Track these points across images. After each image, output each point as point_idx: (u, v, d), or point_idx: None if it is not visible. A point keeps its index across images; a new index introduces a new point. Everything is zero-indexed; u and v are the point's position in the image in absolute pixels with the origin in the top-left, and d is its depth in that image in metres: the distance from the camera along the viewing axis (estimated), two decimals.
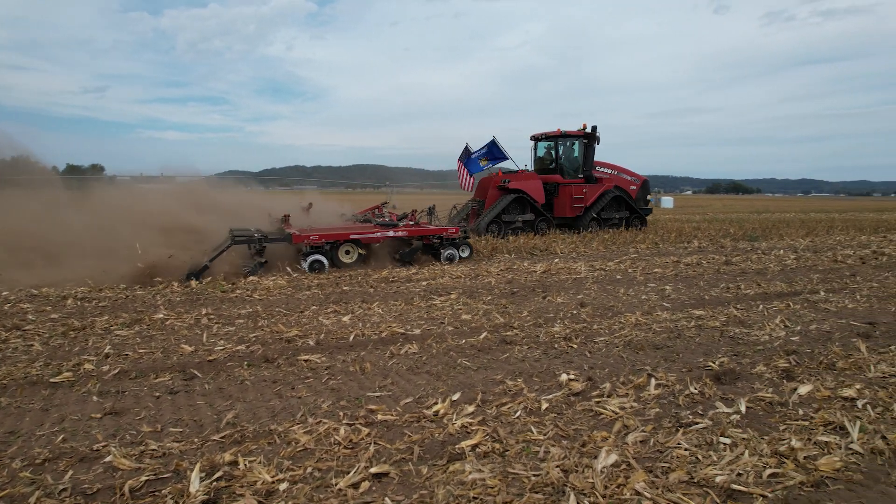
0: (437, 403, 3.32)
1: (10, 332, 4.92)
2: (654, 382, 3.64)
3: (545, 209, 14.70)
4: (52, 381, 3.74)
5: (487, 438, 2.87)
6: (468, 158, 14.99)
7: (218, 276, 7.58)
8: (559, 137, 15.39)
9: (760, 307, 5.95)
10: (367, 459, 2.65)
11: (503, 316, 5.57)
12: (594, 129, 15.12)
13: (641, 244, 12.10)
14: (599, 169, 15.89)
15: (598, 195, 15.22)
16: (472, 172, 15.11)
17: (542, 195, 14.57)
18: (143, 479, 2.49)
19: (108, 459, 2.66)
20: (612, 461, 2.58)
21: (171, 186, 11.48)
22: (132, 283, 7.17)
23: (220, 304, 6.13)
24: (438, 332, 5.00)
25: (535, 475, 2.50)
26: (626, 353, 4.39)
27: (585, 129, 15.15)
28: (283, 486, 2.42)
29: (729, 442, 2.81)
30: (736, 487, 2.39)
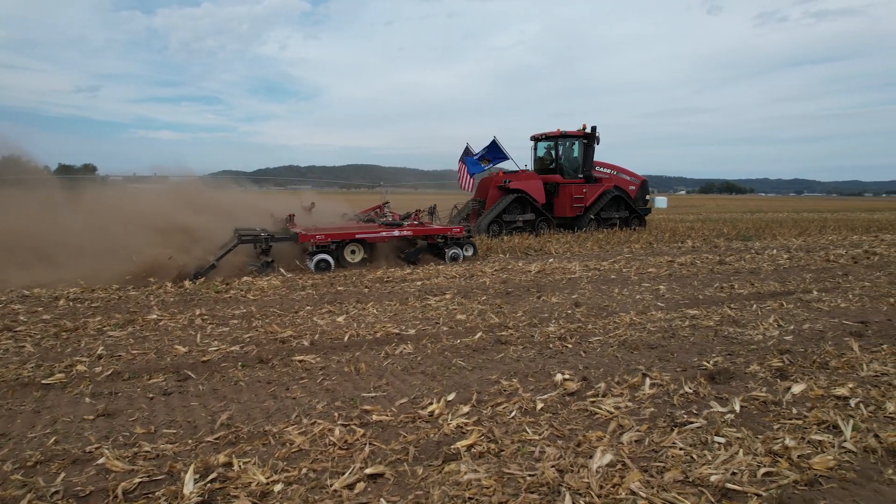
0: (432, 404, 3.32)
1: (1, 333, 4.87)
2: (648, 382, 3.65)
3: (545, 209, 14.75)
4: (43, 382, 3.70)
5: (483, 439, 2.87)
6: (469, 158, 15.00)
7: (218, 275, 7.55)
8: (559, 138, 15.44)
9: (754, 306, 5.98)
10: (362, 460, 2.65)
11: (498, 316, 5.58)
12: (594, 129, 15.18)
13: (635, 244, 12.14)
14: (599, 169, 15.95)
15: (597, 195, 15.29)
16: (473, 173, 15.12)
17: (542, 195, 14.62)
18: (136, 481, 2.47)
19: (100, 461, 2.64)
20: (607, 461, 2.59)
21: (166, 186, 11.40)
22: (130, 283, 7.12)
23: (213, 304, 6.10)
24: (433, 332, 5.00)
25: (530, 475, 2.50)
26: (620, 352, 4.40)
27: (585, 129, 15.20)
28: (277, 487, 2.41)
29: (723, 441, 2.82)
30: (730, 486, 2.39)
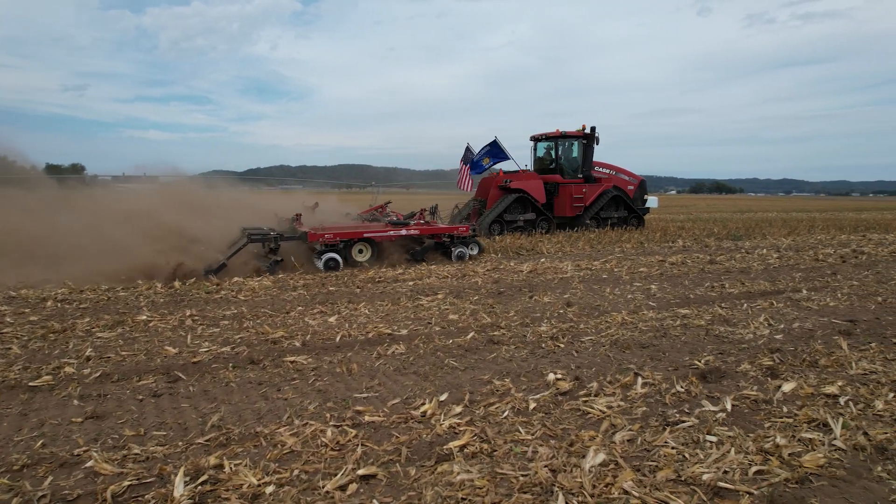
0: (424, 404, 3.31)
1: None
2: (640, 381, 3.66)
3: (545, 209, 14.83)
4: (30, 384, 3.65)
5: (475, 439, 2.87)
6: (470, 159, 15.04)
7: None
8: (559, 138, 15.55)
9: (745, 306, 6.02)
10: (354, 461, 2.63)
11: (490, 316, 5.57)
12: (593, 129, 15.29)
13: (627, 244, 12.18)
14: (598, 169, 16.05)
15: (597, 195, 15.40)
16: (475, 173, 15.18)
17: (542, 195, 14.71)
18: (125, 484, 2.44)
19: (89, 464, 2.61)
20: (599, 460, 2.59)
21: (165, 186, 11.32)
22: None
23: (204, 305, 6.06)
24: (425, 332, 4.99)
25: (523, 475, 2.49)
26: (612, 352, 4.41)
27: (584, 129, 15.31)
28: (269, 489, 2.39)
29: (715, 440, 2.83)
30: (722, 485, 2.40)
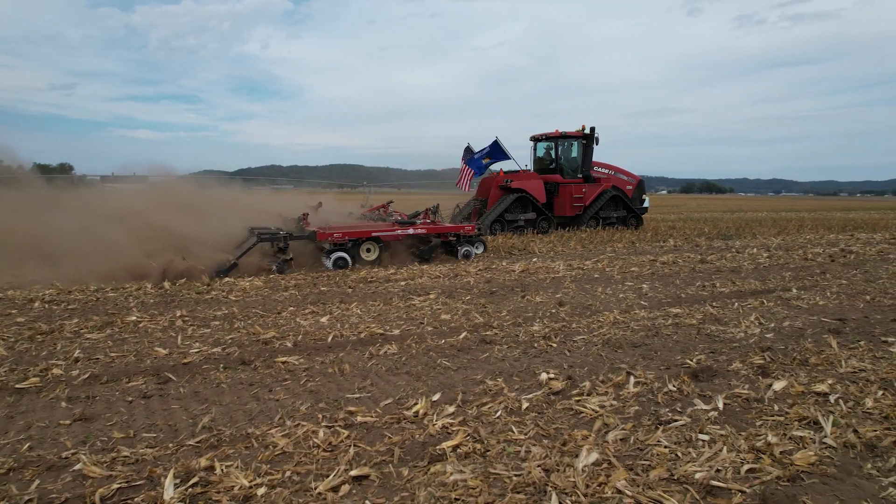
0: (417, 404, 3.29)
1: None
2: (633, 380, 3.67)
3: (546, 208, 14.89)
4: (17, 387, 3.60)
5: (468, 439, 2.86)
6: (471, 159, 15.05)
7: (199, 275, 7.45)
8: (558, 138, 15.65)
9: (735, 305, 6.05)
10: (346, 462, 2.62)
11: (482, 315, 5.57)
12: (592, 129, 15.38)
13: (618, 243, 12.23)
14: (597, 169, 16.14)
15: (596, 195, 15.51)
16: (478, 173, 15.21)
17: (543, 195, 14.79)
18: (114, 486, 2.41)
19: (77, 467, 2.57)
20: (592, 460, 2.59)
21: (154, 185, 11.22)
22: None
23: (194, 305, 6.00)
24: (418, 332, 4.97)
25: (516, 475, 2.49)
26: (604, 351, 4.42)
27: (584, 130, 15.40)
28: (261, 490, 2.37)
29: (707, 438, 2.84)
30: (715, 484, 2.41)
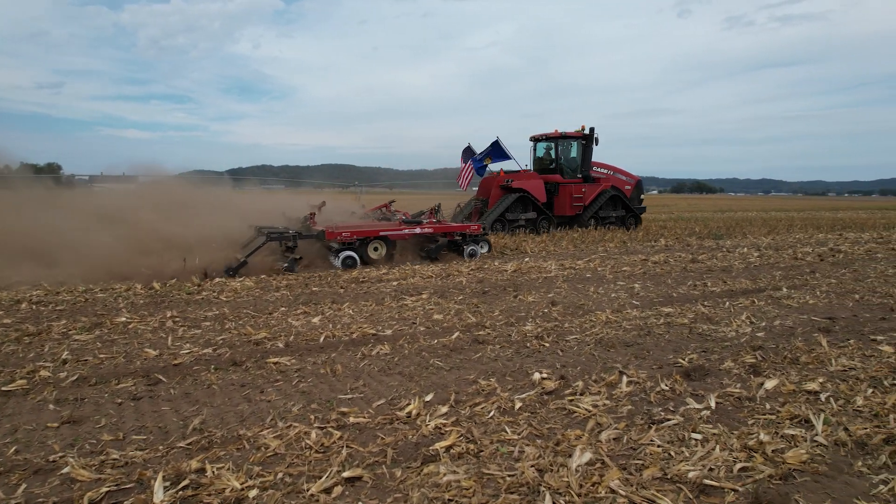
0: (409, 405, 3.28)
1: None
2: (625, 380, 3.68)
3: (546, 208, 14.96)
4: (3, 389, 3.55)
5: (461, 439, 2.85)
6: (472, 158, 15.08)
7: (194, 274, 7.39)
8: (558, 139, 15.74)
9: (727, 304, 6.08)
10: (339, 463, 2.60)
11: (475, 315, 5.56)
12: (592, 130, 15.48)
13: (609, 243, 12.27)
14: (596, 169, 16.23)
15: (596, 194, 15.61)
16: (480, 174, 15.25)
17: (543, 194, 14.86)
18: (103, 490, 2.38)
19: (65, 470, 2.54)
20: (586, 459, 2.59)
21: (149, 185, 11.14)
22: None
23: (185, 306, 5.95)
24: (410, 332, 4.96)
25: (509, 475, 2.48)
26: (597, 350, 4.43)
27: (584, 130, 15.50)
28: (252, 492, 2.35)
29: (700, 437, 2.85)
30: (708, 482, 2.42)
